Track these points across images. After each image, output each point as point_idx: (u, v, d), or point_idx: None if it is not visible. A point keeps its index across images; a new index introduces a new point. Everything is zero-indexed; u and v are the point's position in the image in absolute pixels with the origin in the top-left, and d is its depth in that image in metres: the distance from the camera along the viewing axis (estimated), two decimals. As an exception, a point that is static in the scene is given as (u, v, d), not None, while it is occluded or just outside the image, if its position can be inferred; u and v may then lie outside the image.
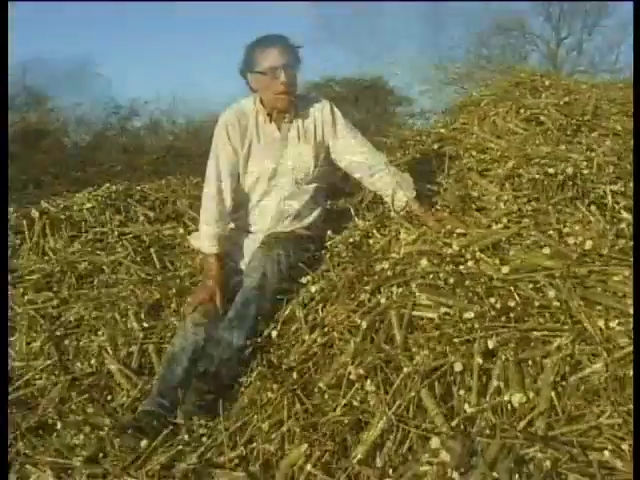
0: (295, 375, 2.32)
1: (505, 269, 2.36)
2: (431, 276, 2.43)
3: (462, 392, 2.10)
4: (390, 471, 1.94)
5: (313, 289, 2.68)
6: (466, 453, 1.79)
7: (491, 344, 2.12)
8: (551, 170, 3.16)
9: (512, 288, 2.32)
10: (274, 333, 2.60)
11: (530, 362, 2.13)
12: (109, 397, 2.85)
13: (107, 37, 43.23)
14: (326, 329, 2.44)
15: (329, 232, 3.07)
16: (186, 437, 2.35)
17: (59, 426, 2.58)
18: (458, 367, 2.11)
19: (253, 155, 3.08)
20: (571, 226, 2.71)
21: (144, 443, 2.32)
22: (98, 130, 12.38)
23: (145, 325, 3.07)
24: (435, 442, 1.85)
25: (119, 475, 2.20)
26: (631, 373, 2.03)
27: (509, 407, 2.02)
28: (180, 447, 2.30)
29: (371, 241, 2.94)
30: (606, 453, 1.81)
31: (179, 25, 48.35)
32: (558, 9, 25.14)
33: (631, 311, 2.19)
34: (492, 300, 2.27)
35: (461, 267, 2.46)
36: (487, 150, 3.75)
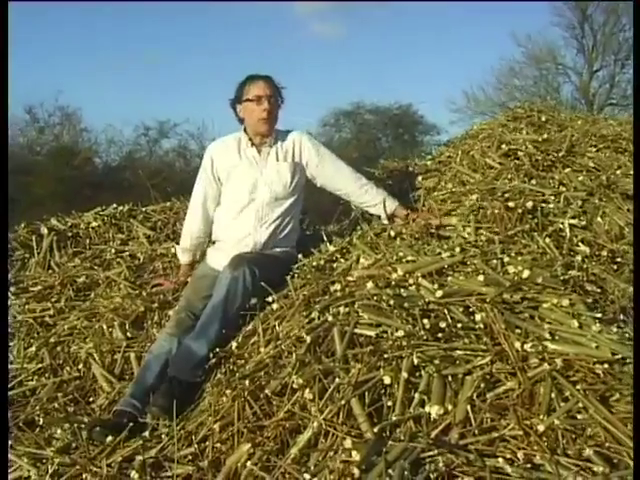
0: (247, 382, 2.57)
1: (439, 293, 2.60)
2: (375, 298, 2.67)
3: (390, 402, 2.33)
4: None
5: (274, 306, 2.94)
6: (373, 453, 2.03)
7: (415, 360, 2.35)
8: (511, 204, 3.39)
9: (446, 311, 2.56)
10: (234, 345, 2.87)
11: (453, 378, 2.35)
12: (91, 399, 3.14)
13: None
14: (279, 342, 2.70)
15: (300, 255, 3.35)
16: (147, 434, 2.63)
17: (41, 422, 2.87)
18: (387, 380, 2.34)
19: (235, 175, 3.49)
20: (514, 256, 2.94)
21: (109, 438, 2.61)
22: (128, 151, 12.74)
23: (129, 335, 3.37)
24: (347, 443, 2.09)
25: (85, 465, 2.47)
26: (542, 390, 2.25)
27: (430, 417, 2.25)
28: (141, 442, 2.57)
29: (335, 265, 3.21)
30: (500, 460, 2.03)
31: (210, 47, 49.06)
32: (591, 41, 25.23)
33: (546, 335, 2.42)
34: (425, 321, 2.50)
35: (402, 290, 2.70)
36: (462, 183, 4.00)
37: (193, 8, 44.10)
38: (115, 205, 4.81)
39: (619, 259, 3.34)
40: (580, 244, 3.36)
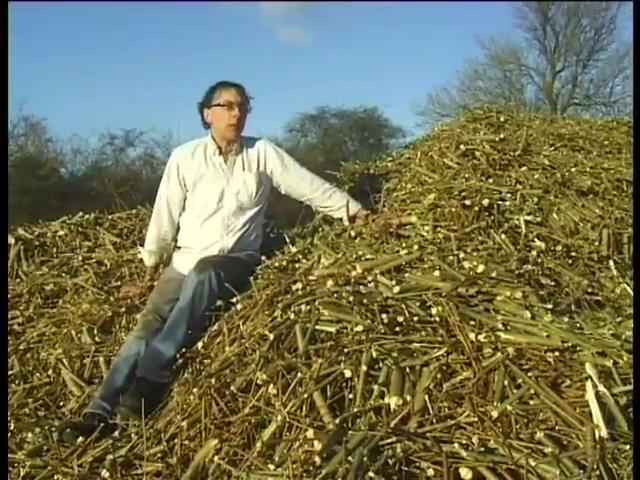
0: (214, 381, 2.64)
1: (396, 289, 2.70)
2: (335, 295, 2.76)
3: (351, 395, 2.42)
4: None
5: (239, 307, 3.02)
6: (333, 443, 2.11)
7: (374, 353, 2.44)
8: (467, 202, 3.49)
9: (403, 306, 2.66)
10: (200, 345, 2.95)
11: (411, 370, 2.44)
12: (62, 403, 3.19)
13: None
14: (243, 341, 2.78)
15: (263, 257, 3.43)
16: (117, 434, 2.70)
17: (12, 427, 2.92)
18: (348, 373, 2.43)
19: (202, 183, 3.56)
20: (470, 252, 3.04)
21: (80, 439, 2.67)
22: (94, 160, 12.72)
23: (97, 340, 3.43)
24: (310, 433, 2.17)
25: (56, 466, 2.53)
26: (496, 378, 2.35)
27: (390, 408, 2.33)
28: (111, 442, 2.63)
29: (297, 265, 3.29)
30: (456, 445, 2.12)
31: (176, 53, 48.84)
32: (553, 42, 25.59)
33: (499, 325, 2.52)
34: (383, 316, 2.59)
35: (361, 287, 2.79)
36: (421, 183, 4.10)
37: (158, 12, 43.83)
38: (81, 213, 4.86)
39: (574, 253, 3.47)
40: (536, 239, 3.48)
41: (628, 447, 2.03)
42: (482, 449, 2.10)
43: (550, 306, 2.65)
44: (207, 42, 49.35)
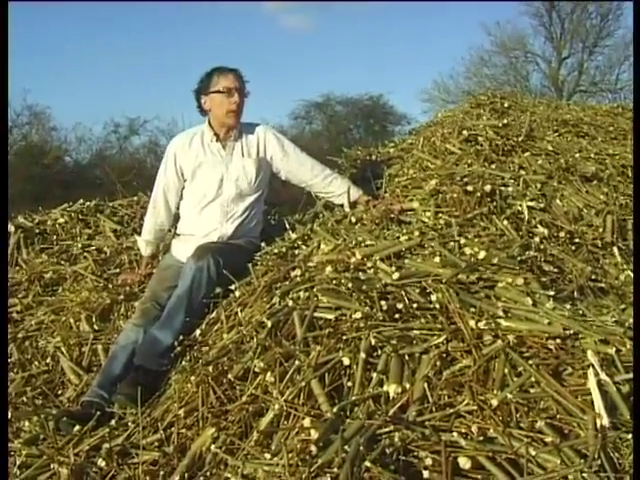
0: (211, 369, 2.61)
1: (396, 275, 2.66)
2: (334, 282, 2.73)
3: (349, 383, 2.39)
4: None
5: (237, 294, 3.00)
6: (330, 431, 2.09)
7: (373, 341, 2.41)
8: (470, 188, 3.45)
9: (403, 292, 2.62)
10: (198, 332, 2.93)
11: (410, 357, 2.41)
12: (60, 392, 3.17)
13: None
14: (241, 328, 2.75)
15: (263, 244, 3.40)
16: (113, 423, 2.68)
17: (9, 415, 2.90)
18: (346, 361, 2.40)
19: (201, 170, 3.51)
20: (471, 238, 3.00)
21: (77, 428, 2.65)
22: (98, 149, 12.71)
23: (96, 327, 3.41)
24: (306, 422, 2.14)
25: (52, 455, 2.51)
26: (497, 366, 2.32)
27: (389, 396, 2.30)
28: (108, 431, 2.61)
29: (296, 251, 3.26)
30: (455, 434, 2.09)
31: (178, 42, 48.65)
32: (559, 29, 25.43)
33: (500, 312, 2.48)
34: (382, 302, 2.56)
35: (360, 274, 2.76)
36: (423, 169, 4.06)
37: (161, 2, 43.73)
38: (82, 201, 4.83)
39: (577, 240, 3.41)
40: (538, 226, 3.43)
41: (630, 436, 2.00)
42: (481, 438, 2.08)
43: (552, 293, 2.60)
44: (210, 31, 49.14)
